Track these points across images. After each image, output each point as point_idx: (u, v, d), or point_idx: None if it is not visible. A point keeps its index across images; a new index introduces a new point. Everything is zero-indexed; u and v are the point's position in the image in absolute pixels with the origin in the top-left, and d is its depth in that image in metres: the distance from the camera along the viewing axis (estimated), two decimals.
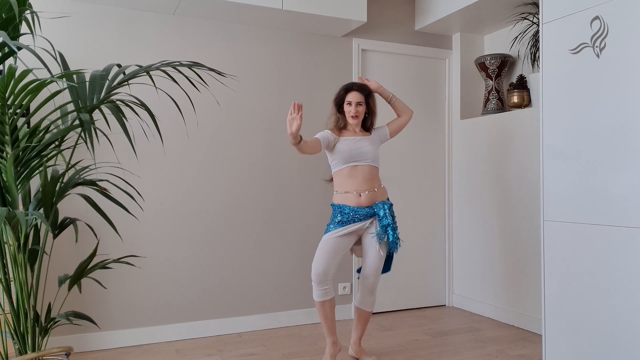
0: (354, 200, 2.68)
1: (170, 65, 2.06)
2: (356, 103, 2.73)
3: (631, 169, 2.21)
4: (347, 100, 2.75)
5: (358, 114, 2.73)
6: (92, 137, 1.76)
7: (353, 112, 2.72)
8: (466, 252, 3.98)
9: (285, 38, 3.60)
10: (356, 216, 2.66)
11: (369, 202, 2.69)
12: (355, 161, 2.69)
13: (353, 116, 2.72)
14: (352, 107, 2.72)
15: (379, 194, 2.74)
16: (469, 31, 4.04)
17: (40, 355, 1.96)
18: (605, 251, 2.31)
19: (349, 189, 2.69)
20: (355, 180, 2.69)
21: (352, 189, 2.69)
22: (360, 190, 2.68)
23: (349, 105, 2.74)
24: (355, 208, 2.66)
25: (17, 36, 1.98)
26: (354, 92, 2.75)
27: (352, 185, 2.69)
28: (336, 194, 2.75)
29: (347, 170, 2.70)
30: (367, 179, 2.70)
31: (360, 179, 2.69)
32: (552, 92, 2.56)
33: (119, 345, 3.12)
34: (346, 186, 2.70)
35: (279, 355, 2.96)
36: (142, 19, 3.21)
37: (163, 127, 3.24)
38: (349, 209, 2.66)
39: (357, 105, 2.73)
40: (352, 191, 2.68)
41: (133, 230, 3.17)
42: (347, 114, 2.75)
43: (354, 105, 2.72)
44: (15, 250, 1.95)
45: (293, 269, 3.59)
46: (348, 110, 2.74)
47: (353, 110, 2.72)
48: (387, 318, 3.74)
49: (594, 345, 2.36)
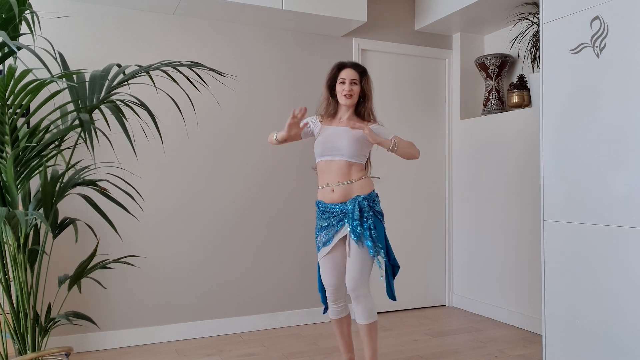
0: (328, 195, 2.45)
1: (170, 65, 2.06)
2: (350, 80, 2.45)
3: (631, 169, 2.20)
4: (341, 77, 2.48)
5: (352, 92, 2.45)
6: (92, 137, 1.76)
7: (347, 89, 2.44)
8: (466, 252, 3.98)
9: (285, 38, 3.60)
10: (330, 214, 2.43)
11: (342, 198, 2.41)
12: (328, 155, 2.44)
13: (346, 95, 2.45)
14: (345, 85, 2.45)
15: (356, 188, 2.41)
16: (469, 31, 4.03)
17: (40, 355, 1.96)
18: (605, 251, 2.31)
19: (322, 183, 2.48)
20: (330, 175, 2.44)
21: (324, 183, 2.46)
22: (333, 184, 2.43)
23: (342, 84, 2.46)
24: (329, 205, 2.44)
25: (17, 36, 1.98)
26: (347, 69, 2.49)
27: (326, 179, 2.46)
28: (318, 189, 2.54)
29: (322, 164, 2.47)
30: (342, 174, 2.42)
31: (334, 174, 2.43)
32: (552, 92, 2.56)
33: (119, 345, 3.12)
34: (322, 180, 2.48)
35: (279, 355, 2.96)
36: (142, 19, 3.21)
37: (163, 127, 3.24)
38: (324, 206, 2.46)
39: (351, 83, 2.45)
40: (325, 185, 2.46)
41: (133, 230, 3.17)
42: (340, 94, 2.48)
43: (347, 83, 2.45)
44: (15, 250, 1.95)
45: (293, 269, 3.59)
46: (341, 90, 2.47)
47: (347, 88, 2.44)
48: (387, 318, 3.74)
49: (594, 345, 2.36)
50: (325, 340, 3.23)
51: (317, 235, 2.49)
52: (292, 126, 2.34)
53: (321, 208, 2.48)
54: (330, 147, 2.43)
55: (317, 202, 2.51)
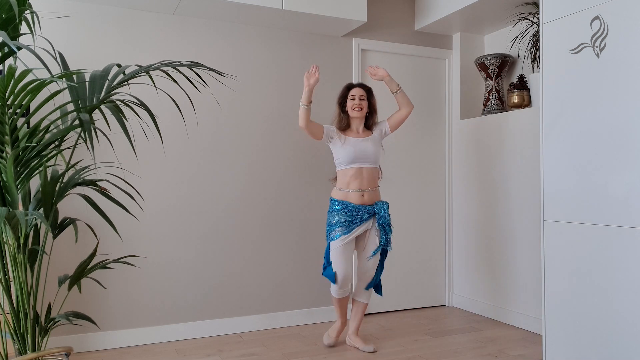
0: (357, 198, 2.88)
1: (170, 65, 2.06)
2: (359, 97, 2.93)
3: (631, 169, 2.21)
4: (351, 95, 2.95)
5: (362, 106, 2.92)
6: (92, 137, 1.76)
7: (357, 104, 2.91)
8: (466, 252, 3.98)
9: (285, 38, 3.60)
10: (360, 214, 2.86)
11: (371, 201, 2.91)
12: (360, 162, 2.89)
13: (356, 108, 2.90)
14: (355, 100, 2.92)
15: (377, 194, 2.97)
16: (469, 31, 4.04)
17: (40, 355, 1.96)
18: (605, 251, 2.31)
19: (352, 187, 2.89)
20: (361, 181, 2.89)
21: (356, 187, 2.88)
22: (363, 190, 2.88)
23: (352, 100, 2.93)
24: (359, 206, 2.87)
25: (17, 36, 1.98)
26: (356, 88, 2.97)
27: (356, 185, 2.88)
28: (338, 190, 2.94)
29: (352, 170, 2.89)
30: (370, 180, 2.91)
31: (365, 180, 2.89)
32: (552, 92, 2.56)
33: (119, 345, 3.12)
34: (350, 185, 2.90)
35: (279, 355, 2.96)
36: (142, 19, 3.21)
37: (163, 127, 3.24)
38: (353, 207, 2.87)
39: (360, 99, 2.92)
40: (355, 190, 2.88)
41: (133, 230, 3.17)
42: (350, 109, 2.93)
43: (357, 99, 2.92)
44: (15, 250, 1.95)
45: (293, 269, 3.59)
46: (351, 105, 2.93)
47: (357, 103, 2.91)
48: (387, 318, 3.74)
49: (594, 345, 2.36)
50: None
51: (335, 227, 2.88)
52: (310, 76, 2.78)
53: (349, 207, 2.87)
54: (361, 155, 2.89)
55: (340, 202, 2.90)
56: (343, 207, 2.88)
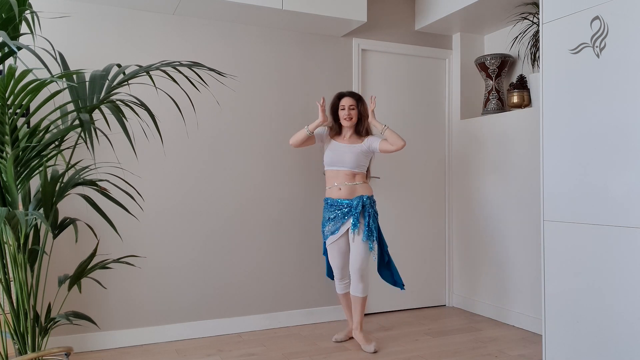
0: (335, 192, 3.07)
1: (170, 65, 2.06)
2: (348, 107, 3.08)
3: (631, 169, 2.21)
4: (341, 105, 3.10)
5: (351, 115, 3.07)
6: (92, 137, 1.76)
7: (347, 114, 3.07)
8: (466, 252, 3.98)
9: (285, 38, 3.60)
10: (340, 208, 3.03)
11: (348, 195, 3.04)
12: (337, 166, 3.06)
13: (346, 118, 3.07)
14: (345, 111, 3.07)
15: (359, 189, 3.06)
16: (469, 31, 4.04)
17: (40, 355, 1.96)
18: (605, 251, 2.31)
19: (331, 184, 3.10)
20: (337, 179, 3.08)
21: (333, 183, 3.08)
22: (340, 184, 3.05)
23: (342, 110, 3.08)
24: (337, 200, 3.06)
25: (17, 36, 1.98)
26: (346, 98, 3.11)
27: (334, 181, 3.08)
28: (326, 188, 3.15)
29: (332, 172, 3.10)
30: (348, 178, 3.06)
31: (341, 178, 3.06)
32: (552, 92, 2.56)
33: (119, 345, 3.12)
34: (330, 182, 3.12)
35: (279, 355, 2.96)
36: (142, 19, 3.21)
37: (163, 127, 3.24)
38: (333, 201, 3.07)
39: (349, 109, 3.07)
40: (333, 185, 3.09)
41: (133, 230, 3.17)
42: (341, 118, 3.09)
43: (347, 109, 3.07)
44: (15, 250, 1.95)
45: (293, 269, 3.59)
46: (342, 115, 3.08)
47: (347, 113, 3.07)
48: (387, 318, 3.74)
49: (594, 345, 2.36)
50: (325, 340, 3.23)
51: (325, 225, 3.10)
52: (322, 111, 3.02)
53: (329, 202, 3.09)
54: (337, 160, 3.06)
55: (326, 199, 3.13)
56: (326, 203, 3.11)
